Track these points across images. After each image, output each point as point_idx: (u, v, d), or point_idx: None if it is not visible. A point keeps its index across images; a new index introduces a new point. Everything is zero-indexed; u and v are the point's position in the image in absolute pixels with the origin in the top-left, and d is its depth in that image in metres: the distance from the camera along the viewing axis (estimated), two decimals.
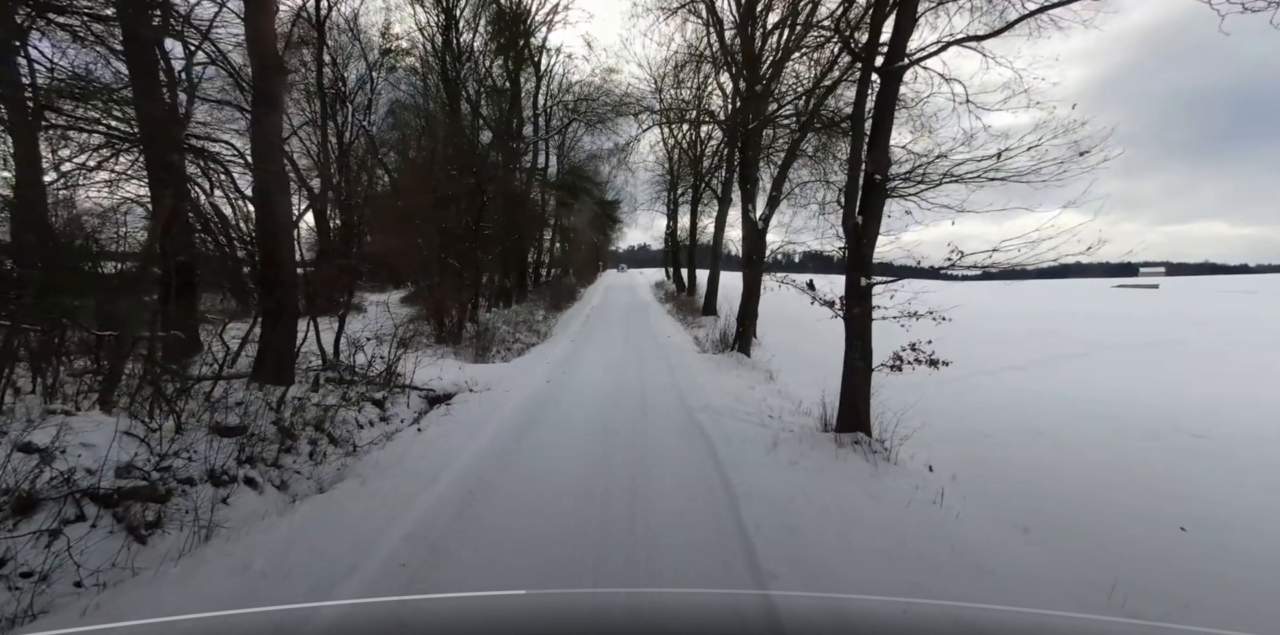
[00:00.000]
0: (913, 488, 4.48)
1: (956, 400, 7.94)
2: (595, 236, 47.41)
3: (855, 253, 5.48)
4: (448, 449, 5.09)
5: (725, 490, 4.20)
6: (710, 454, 5.07)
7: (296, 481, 4.72)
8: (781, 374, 9.75)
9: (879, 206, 5.43)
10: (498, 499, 3.97)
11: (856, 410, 5.42)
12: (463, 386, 8.52)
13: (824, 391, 9.16)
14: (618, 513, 3.76)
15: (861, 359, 5.43)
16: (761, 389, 8.48)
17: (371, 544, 3.16)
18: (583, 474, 4.49)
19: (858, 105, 5.45)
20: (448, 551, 3.15)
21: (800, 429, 6.06)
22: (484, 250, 16.84)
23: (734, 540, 3.37)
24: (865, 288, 5.42)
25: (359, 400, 6.70)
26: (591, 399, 7.50)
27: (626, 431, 5.87)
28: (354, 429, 6.12)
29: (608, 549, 3.24)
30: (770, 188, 10.83)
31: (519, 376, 9.14)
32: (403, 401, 7.70)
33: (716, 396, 7.67)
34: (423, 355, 10.73)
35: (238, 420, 4.87)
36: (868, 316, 5.44)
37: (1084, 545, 3.75)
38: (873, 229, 5.46)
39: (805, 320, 17.99)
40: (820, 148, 12.38)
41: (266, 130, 5.91)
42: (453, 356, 11.55)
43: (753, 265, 10.76)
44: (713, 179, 20.66)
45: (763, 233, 10.58)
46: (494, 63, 22.98)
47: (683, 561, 3.13)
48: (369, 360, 8.04)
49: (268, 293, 6.11)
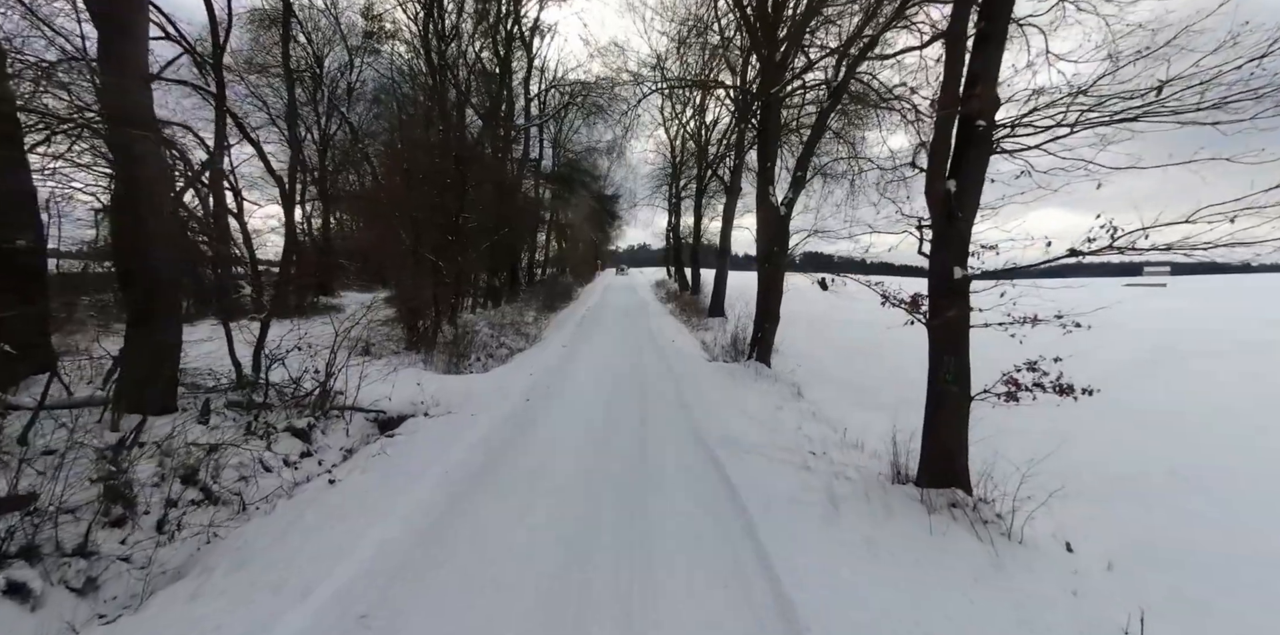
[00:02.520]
0: (1067, 593, 2.85)
1: (1048, 421, 6.27)
2: (593, 234, 45.80)
3: (947, 231, 3.84)
4: (355, 521, 3.44)
5: (779, 614, 2.56)
6: (744, 528, 3.43)
7: (116, 578, 3.09)
8: (810, 389, 8.12)
9: (980, 165, 3.80)
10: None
11: (949, 456, 3.79)
12: (420, 407, 6.89)
13: (866, 411, 7.57)
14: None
15: (956, 382, 3.79)
16: (791, 409, 6.84)
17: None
18: (545, 590, 2.83)
19: (958, 16, 3.80)
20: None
21: (860, 475, 4.42)
22: (468, 244, 15.20)
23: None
24: (961, 282, 3.78)
25: (267, 433, 5.07)
26: (577, 427, 5.86)
27: (621, 486, 4.22)
28: (253, 475, 4.48)
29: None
30: (794, 167, 9.18)
31: (493, 393, 7.50)
32: (341, 428, 6.09)
33: (737, 421, 6.04)
34: (384, 365, 9.12)
35: (33, 481, 3.25)
36: (965, 322, 3.80)
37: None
38: (972, 197, 3.82)
39: (823, 322, 16.36)
40: (850, 123, 10.74)
41: (121, 62, 4.28)
42: (422, 365, 9.91)
43: (773, 258, 9.11)
44: (720, 166, 19.00)
45: (785, 219, 8.95)
46: (482, 45, 21.37)
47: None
48: (300, 374, 6.42)
49: (126, 287, 4.49)
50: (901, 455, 4.28)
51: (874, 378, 9.53)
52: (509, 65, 21.59)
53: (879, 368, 10.61)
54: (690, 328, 15.79)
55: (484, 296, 19.19)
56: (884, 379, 9.27)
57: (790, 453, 5.05)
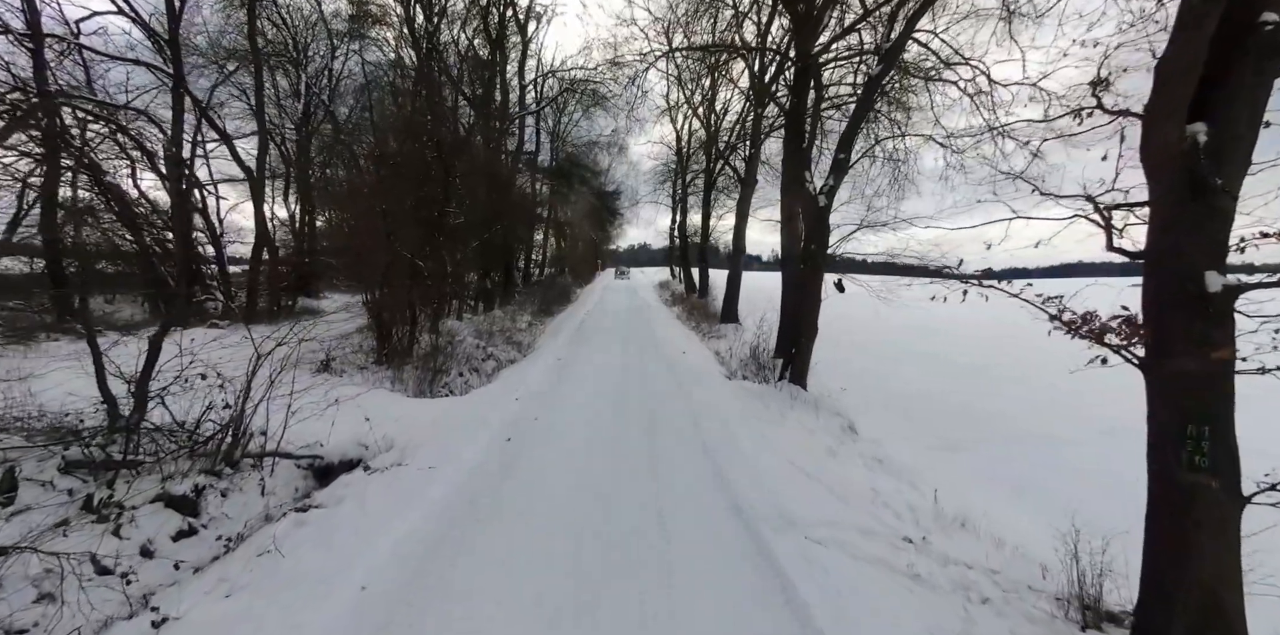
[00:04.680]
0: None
1: None
2: (594, 233, 44.24)
3: (1187, 211, 2.27)
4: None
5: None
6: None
7: None
8: (861, 419, 6.53)
9: (1262, 95, 2.21)
10: None
11: (1212, 605, 2.19)
12: (368, 451, 5.33)
13: (939, 454, 5.98)
14: None
15: (1212, 470, 2.20)
16: (849, 454, 5.25)
17: None
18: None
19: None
20: None
21: (1004, 593, 2.84)
22: (454, 241, 13.61)
23: None
24: (1223, 296, 2.20)
25: (117, 512, 3.48)
26: (566, 490, 4.27)
27: (628, 621, 2.64)
28: (61, 590, 2.89)
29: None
30: (835, 148, 7.58)
31: (465, 427, 5.93)
32: (256, 483, 4.51)
33: (785, 479, 4.45)
34: (344, 384, 7.54)
35: None
36: (1227, 366, 2.22)
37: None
38: (1239, 152, 2.24)
39: (836, 325, 14.69)
40: (890, 102, 9.13)
41: None
42: (390, 385, 8.34)
43: (810, 257, 7.51)
44: (733, 156, 17.38)
45: (825, 211, 7.35)
46: (475, 30, 19.79)
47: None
48: (205, 409, 4.82)
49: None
50: (1086, 571, 2.69)
51: (923, 400, 7.95)
52: (503, 49, 20.02)
53: (922, 384, 9.03)
54: (701, 335, 14.21)
55: (473, 299, 17.60)
56: (937, 402, 7.71)
57: (875, 539, 3.47)
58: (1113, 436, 6.43)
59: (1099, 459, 5.65)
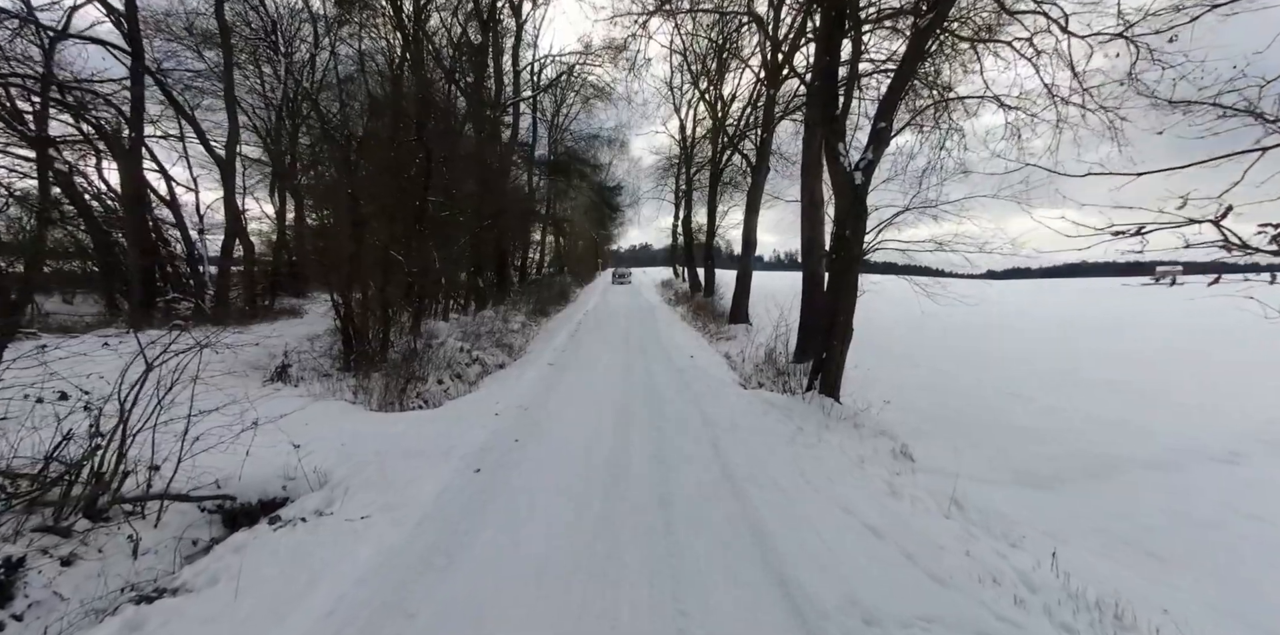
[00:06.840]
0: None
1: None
2: (594, 232, 43.07)
3: None
4: None
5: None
6: None
7: None
8: (914, 441, 5.32)
9: None
10: None
11: None
12: (294, 488, 4.14)
13: (1028, 493, 4.73)
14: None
15: None
16: (912, 493, 4.04)
17: None
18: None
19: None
20: None
21: None
22: (439, 234, 12.41)
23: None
24: None
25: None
26: (547, 548, 3.07)
27: None
28: None
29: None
30: (875, 116, 6.37)
31: (427, 454, 4.74)
32: (125, 541, 3.32)
33: (843, 540, 3.25)
34: (284, 396, 6.36)
35: None
36: None
37: None
38: None
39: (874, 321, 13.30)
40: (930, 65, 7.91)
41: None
42: (351, 396, 7.15)
43: (844, 247, 6.30)
44: (742, 143, 16.15)
45: (862, 190, 6.16)
46: (466, 12, 18.58)
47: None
48: (61, 441, 3.61)
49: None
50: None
51: (978, 416, 6.75)
52: (495, 32, 18.82)
53: (972, 397, 7.82)
54: (709, 337, 13.01)
55: (464, 298, 16.40)
56: (993, 421, 6.51)
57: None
58: (1233, 464, 5.24)
59: (1222, 497, 4.47)
